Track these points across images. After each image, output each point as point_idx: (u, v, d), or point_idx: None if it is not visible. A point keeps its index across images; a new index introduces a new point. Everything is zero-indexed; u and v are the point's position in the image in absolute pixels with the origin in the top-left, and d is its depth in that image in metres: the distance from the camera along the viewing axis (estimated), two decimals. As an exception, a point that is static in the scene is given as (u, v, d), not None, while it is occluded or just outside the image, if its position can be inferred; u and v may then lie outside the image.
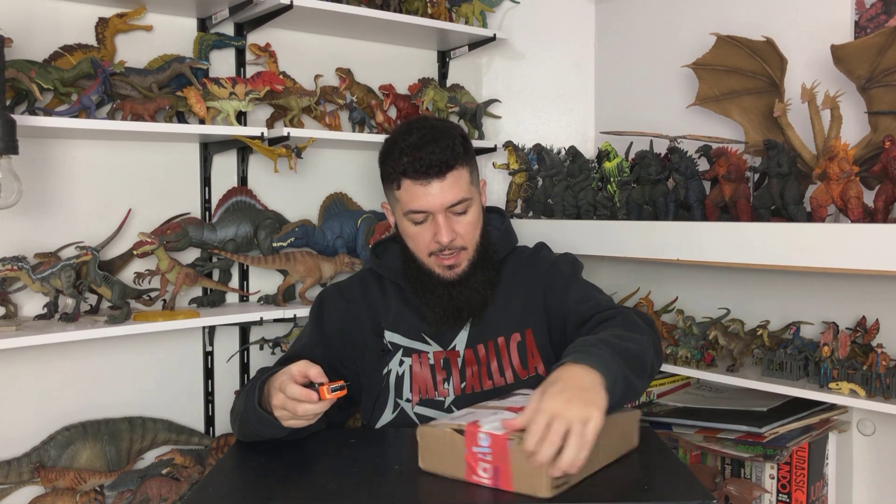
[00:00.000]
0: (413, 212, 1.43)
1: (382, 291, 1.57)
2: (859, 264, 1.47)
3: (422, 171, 1.40)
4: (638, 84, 2.38)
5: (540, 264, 1.58)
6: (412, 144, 1.41)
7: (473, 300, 1.48)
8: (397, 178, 1.43)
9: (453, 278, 1.47)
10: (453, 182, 1.42)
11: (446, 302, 1.48)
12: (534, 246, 1.65)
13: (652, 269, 2.27)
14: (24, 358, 1.77)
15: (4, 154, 1.52)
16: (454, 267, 1.47)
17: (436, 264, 1.47)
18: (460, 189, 1.43)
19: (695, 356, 1.85)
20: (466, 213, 1.46)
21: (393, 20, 2.11)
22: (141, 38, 1.92)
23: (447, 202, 1.42)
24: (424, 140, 1.41)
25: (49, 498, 1.71)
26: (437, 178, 1.41)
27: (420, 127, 1.45)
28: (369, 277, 1.61)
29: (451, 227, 1.43)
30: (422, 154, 1.39)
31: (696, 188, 1.83)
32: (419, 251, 1.48)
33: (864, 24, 1.85)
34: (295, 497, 1.12)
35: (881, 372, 1.56)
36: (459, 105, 2.34)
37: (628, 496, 1.08)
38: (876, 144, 1.71)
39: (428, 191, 1.41)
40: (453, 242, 1.44)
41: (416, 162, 1.40)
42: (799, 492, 1.72)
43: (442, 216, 1.43)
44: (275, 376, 1.28)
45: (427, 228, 1.45)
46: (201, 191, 2.03)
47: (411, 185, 1.42)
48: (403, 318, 1.53)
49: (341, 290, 1.60)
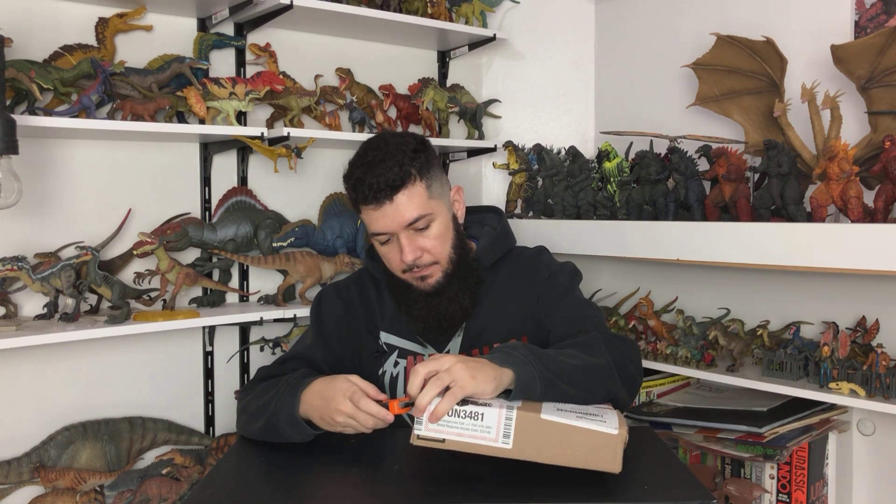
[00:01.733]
0: (375, 234, 1.43)
1: (378, 292, 1.56)
2: (859, 264, 1.47)
3: (371, 196, 1.38)
4: (638, 84, 2.38)
5: (540, 271, 1.55)
6: (360, 171, 1.40)
7: (453, 310, 1.46)
8: (356, 205, 1.44)
9: (429, 289, 1.45)
10: (406, 201, 1.38)
11: (427, 313, 1.46)
12: (534, 249, 1.62)
13: (652, 269, 2.27)
14: (24, 358, 1.77)
15: (4, 154, 1.52)
16: (427, 278, 1.45)
17: (410, 278, 1.46)
18: (416, 206, 1.39)
19: (695, 356, 1.85)
20: (429, 228, 1.42)
21: (393, 20, 2.11)
22: (141, 38, 1.92)
23: (404, 221, 1.39)
24: (372, 163, 1.39)
25: (49, 498, 1.71)
26: (387, 200, 1.38)
27: (373, 148, 1.42)
28: (366, 278, 1.60)
29: (414, 245, 1.41)
30: (368, 179, 1.38)
31: (696, 188, 1.82)
32: (393, 269, 1.47)
33: (864, 24, 1.85)
34: (295, 497, 1.12)
35: (881, 372, 1.57)
36: (459, 105, 2.34)
37: (628, 496, 1.08)
38: (876, 144, 1.71)
39: (382, 214, 1.39)
40: (420, 259, 1.42)
41: (364, 188, 1.38)
42: (799, 492, 1.72)
43: (404, 235, 1.40)
44: (331, 383, 1.28)
45: (394, 248, 1.43)
46: (201, 191, 2.04)
47: (366, 210, 1.41)
48: (399, 319, 1.52)
49: (338, 290, 1.60)
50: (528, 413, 1.09)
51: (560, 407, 1.14)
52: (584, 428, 1.08)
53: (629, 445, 1.25)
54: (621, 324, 2.07)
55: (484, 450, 1.08)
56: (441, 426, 1.09)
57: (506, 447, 1.08)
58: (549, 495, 1.07)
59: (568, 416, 1.10)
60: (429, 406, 1.10)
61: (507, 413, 1.09)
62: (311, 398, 1.29)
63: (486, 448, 1.08)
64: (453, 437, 1.09)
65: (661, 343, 1.93)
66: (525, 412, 1.09)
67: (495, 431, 1.08)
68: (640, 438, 1.30)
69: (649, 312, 2.00)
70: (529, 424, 1.08)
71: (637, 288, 2.19)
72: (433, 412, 1.10)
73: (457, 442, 1.09)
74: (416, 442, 1.09)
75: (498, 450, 1.08)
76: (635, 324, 2.05)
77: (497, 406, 1.10)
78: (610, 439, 1.08)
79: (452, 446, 1.09)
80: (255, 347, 2.08)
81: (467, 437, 1.08)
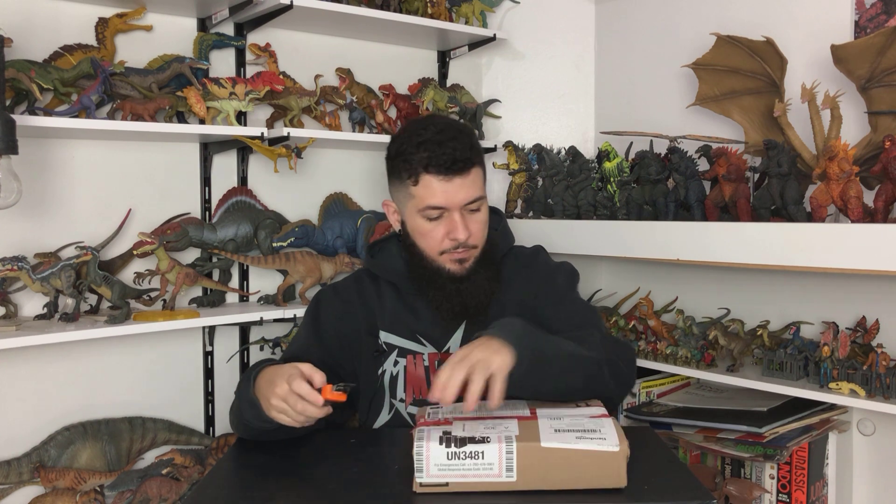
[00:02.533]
0: (431, 208, 1.41)
1: (378, 292, 1.56)
2: (859, 264, 1.47)
3: (446, 165, 1.37)
4: (638, 84, 2.38)
5: (538, 270, 1.57)
6: (431, 139, 1.38)
7: (480, 295, 1.47)
8: (415, 173, 1.40)
9: (462, 273, 1.45)
10: (474, 179, 1.41)
11: (455, 297, 1.46)
12: (531, 248, 1.63)
13: (652, 269, 2.27)
14: (24, 358, 1.77)
15: (4, 154, 1.51)
16: (464, 262, 1.45)
17: (447, 260, 1.45)
18: (478, 187, 1.42)
19: (695, 356, 1.85)
20: (480, 212, 1.45)
21: (393, 20, 2.11)
22: (141, 38, 1.92)
23: (467, 199, 1.41)
24: (445, 136, 1.39)
25: (49, 498, 1.71)
26: (459, 175, 1.38)
27: (435, 123, 1.42)
28: (365, 277, 1.60)
29: (465, 225, 1.42)
30: (444, 150, 1.37)
31: (696, 188, 1.83)
32: (430, 248, 1.45)
33: (864, 24, 1.85)
34: (295, 497, 1.12)
35: (881, 372, 1.57)
36: (459, 105, 2.34)
37: (628, 496, 1.08)
38: (876, 144, 1.71)
39: (449, 187, 1.39)
40: (468, 240, 1.43)
41: (439, 157, 1.37)
42: (799, 492, 1.72)
43: (458, 213, 1.41)
44: (279, 367, 1.27)
45: (441, 225, 1.42)
46: (201, 191, 2.04)
47: (432, 181, 1.39)
48: (398, 318, 1.52)
49: (337, 290, 1.59)
50: (527, 443, 1.08)
51: (557, 427, 1.13)
52: (585, 450, 1.07)
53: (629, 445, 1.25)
54: (621, 324, 2.07)
55: (489, 486, 1.08)
56: (443, 471, 1.07)
57: (510, 481, 1.07)
58: (550, 495, 1.07)
59: (567, 437, 1.10)
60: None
61: (507, 447, 1.08)
62: (261, 382, 1.29)
63: (492, 485, 1.07)
64: (457, 479, 1.07)
65: (661, 343, 1.92)
66: (525, 443, 1.08)
67: (498, 467, 1.07)
68: (640, 438, 1.30)
69: (649, 312, 2.00)
70: (531, 454, 1.08)
71: (637, 288, 2.19)
72: (495, 399, 1.13)
73: (461, 483, 1.08)
74: (419, 489, 1.08)
75: (503, 484, 1.07)
76: (635, 324, 2.05)
77: (496, 441, 1.08)
78: (613, 457, 1.07)
79: (457, 488, 1.08)
80: (255, 347, 2.08)
81: (471, 478, 1.07)
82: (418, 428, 1.13)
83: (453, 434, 1.10)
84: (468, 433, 1.10)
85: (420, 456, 1.07)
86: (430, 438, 1.09)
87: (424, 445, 1.08)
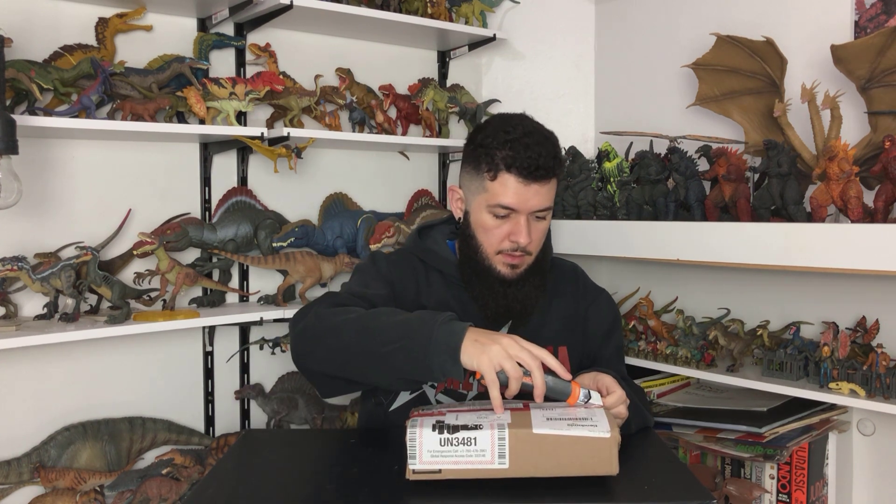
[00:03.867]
0: (502, 206, 1.39)
1: (426, 276, 1.52)
2: (859, 264, 1.47)
3: (529, 169, 1.35)
4: (638, 84, 2.38)
5: (585, 291, 1.60)
6: (519, 140, 1.36)
7: (526, 301, 1.46)
8: (496, 168, 1.37)
9: (512, 277, 1.44)
10: (550, 188, 1.40)
11: (501, 300, 1.45)
12: (569, 263, 1.66)
13: (652, 269, 2.27)
14: (24, 358, 1.77)
15: (4, 154, 1.52)
16: (517, 267, 1.44)
17: (500, 261, 1.44)
18: (550, 197, 1.41)
19: (695, 356, 1.85)
20: (544, 221, 1.44)
21: (393, 20, 2.11)
22: (141, 38, 1.92)
23: (538, 206, 1.39)
24: (533, 139, 1.37)
25: (49, 498, 1.71)
26: (537, 181, 1.37)
27: (524, 124, 1.40)
28: (413, 258, 1.55)
29: (529, 230, 1.40)
30: (530, 153, 1.35)
31: (696, 188, 1.83)
32: (489, 245, 1.44)
33: (864, 24, 1.85)
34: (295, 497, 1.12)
35: (881, 372, 1.56)
36: (459, 105, 2.34)
37: (628, 496, 1.08)
38: (876, 144, 1.71)
39: (525, 191, 1.37)
40: (527, 246, 1.42)
41: (524, 159, 1.35)
42: (799, 492, 1.72)
43: (525, 218, 1.40)
44: (520, 340, 1.18)
45: (506, 225, 1.41)
46: (201, 191, 2.04)
47: (510, 180, 1.37)
48: (445, 307, 1.47)
49: (392, 258, 1.54)
50: (519, 430, 1.09)
51: (550, 416, 1.14)
52: (576, 436, 1.08)
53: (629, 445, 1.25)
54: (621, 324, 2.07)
55: (482, 473, 1.09)
56: (436, 457, 1.08)
57: (503, 467, 1.08)
58: (549, 495, 1.07)
59: (559, 425, 1.10)
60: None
61: (500, 433, 1.08)
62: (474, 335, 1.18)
63: (484, 471, 1.08)
64: (449, 465, 1.08)
65: (661, 343, 1.92)
66: (516, 429, 1.09)
67: (490, 453, 1.08)
68: (641, 438, 1.31)
69: (649, 312, 2.00)
70: (523, 440, 1.08)
71: (637, 288, 2.19)
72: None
73: (453, 470, 1.08)
74: (412, 477, 1.09)
75: (495, 471, 1.08)
76: (635, 324, 2.05)
77: (488, 427, 1.09)
78: (604, 443, 1.08)
79: (450, 475, 1.09)
80: (255, 347, 2.08)
81: (463, 464, 1.08)
82: (412, 417, 1.14)
83: (446, 422, 1.11)
84: (461, 421, 1.11)
85: (413, 442, 1.08)
86: (423, 425, 1.10)
87: (417, 431, 1.09)
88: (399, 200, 2.37)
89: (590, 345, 1.56)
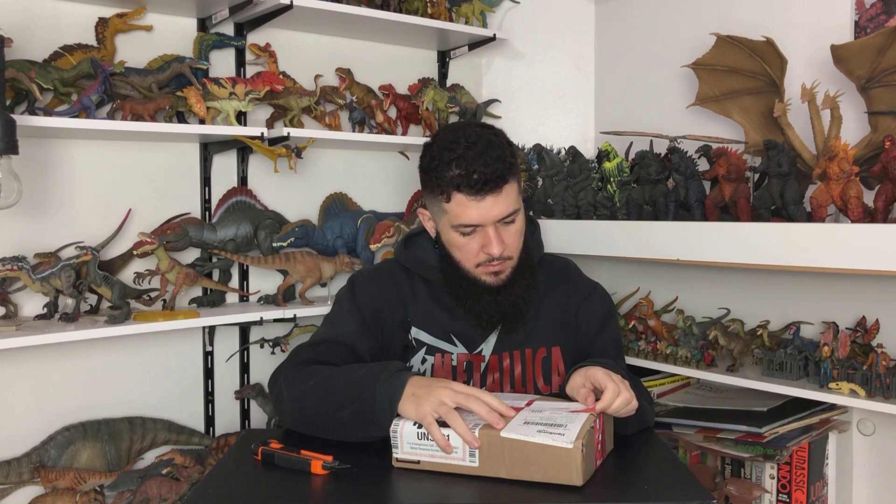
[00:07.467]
0: (464, 225, 1.38)
1: (411, 286, 1.51)
2: (859, 264, 1.47)
3: (477, 186, 1.32)
4: (638, 84, 2.38)
5: (576, 287, 1.57)
6: (463, 156, 1.33)
7: (518, 304, 1.45)
8: (446, 191, 1.36)
9: (499, 284, 1.43)
10: (507, 193, 1.36)
11: (492, 307, 1.44)
12: (560, 260, 1.63)
13: (652, 269, 2.27)
14: (24, 358, 1.77)
15: (4, 154, 1.52)
16: (499, 273, 1.43)
17: (482, 273, 1.43)
18: (511, 201, 1.37)
19: (695, 356, 1.85)
20: (514, 223, 1.41)
21: (393, 20, 2.11)
22: (141, 38, 1.92)
23: (500, 214, 1.37)
24: (476, 151, 1.33)
25: (49, 498, 1.71)
26: (491, 193, 1.33)
27: (466, 136, 1.36)
28: (397, 269, 1.55)
29: (500, 239, 1.39)
30: (475, 167, 1.32)
31: (696, 188, 1.82)
32: (466, 261, 1.43)
33: (864, 24, 1.85)
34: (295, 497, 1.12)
35: (881, 372, 1.56)
36: (459, 105, 2.34)
37: (628, 496, 1.08)
38: (876, 144, 1.71)
39: (481, 205, 1.34)
40: (503, 253, 1.40)
41: (469, 177, 1.32)
42: (799, 492, 1.72)
43: (492, 228, 1.38)
44: (468, 389, 1.20)
45: (475, 239, 1.39)
46: (201, 191, 2.04)
47: (464, 199, 1.34)
48: (432, 316, 1.48)
49: (372, 278, 1.54)
50: (488, 431, 1.11)
51: (529, 420, 1.14)
52: (540, 444, 1.08)
53: (629, 445, 1.25)
54: (621, 324, 2.07)
55: (456, 468, 1.13)
56: (415, 449, 1.15)
57: (473, 465, 1.12)
58: (549, 494, 1.07)
59: (529, 430, 1.10)
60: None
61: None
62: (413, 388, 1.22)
63: (458, 467, 1.13)
64: (426, 458, 1.15)
65: (661, 343, 1.92)
66: (486, 430, 1.11)
67: (462, 451, 1.12)
68: (640, 438, 1.30)
69: (649, 312, 2.00)
70: (490, 442, 1.11)
71: (637, 288, 2.19)
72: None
73: (430, 462, 1.14)
74: (396, 464, 1.17)
75: (468, 468, 1.12)
76: (635, 324, 2.05)
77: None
78: (566, 454, 1.07)
79: (427, 467, 1.15)
80: (255, 347, 2.08)
81: (438, 458, 1.14)
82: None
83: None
84: (440, 418, 1.15)
85: (395, 434, 1.16)
86: (406, 420, 1.17)
87: (400, 424, 1.16)
88: (399, 200, 2.37)
89: (583, 341, 1.53)
